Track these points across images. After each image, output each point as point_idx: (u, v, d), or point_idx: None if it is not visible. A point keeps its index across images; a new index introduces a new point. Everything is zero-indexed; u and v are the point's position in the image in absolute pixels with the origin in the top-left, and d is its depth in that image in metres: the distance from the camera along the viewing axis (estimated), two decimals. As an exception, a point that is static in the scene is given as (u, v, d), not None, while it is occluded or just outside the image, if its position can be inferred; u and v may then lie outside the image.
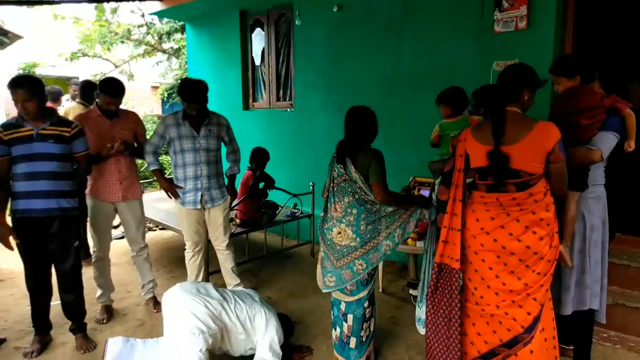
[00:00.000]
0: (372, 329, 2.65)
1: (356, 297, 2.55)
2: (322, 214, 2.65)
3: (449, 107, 3.16)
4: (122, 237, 4.14)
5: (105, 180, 3.22)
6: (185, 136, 3.23)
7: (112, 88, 3.15)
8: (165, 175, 3.44)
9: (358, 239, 2.48)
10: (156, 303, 3.52)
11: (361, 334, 2.57)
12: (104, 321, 3.31)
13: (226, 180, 3.54)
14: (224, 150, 3.49)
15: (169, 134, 3.26)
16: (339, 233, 2.52)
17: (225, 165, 3.52)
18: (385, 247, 2.51)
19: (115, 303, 3.53)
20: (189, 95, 3.14)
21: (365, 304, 2.56)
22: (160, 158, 3.45)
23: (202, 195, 3.31)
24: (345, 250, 2.51)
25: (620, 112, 2.30)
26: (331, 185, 2.58)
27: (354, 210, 2.47)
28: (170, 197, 3.40)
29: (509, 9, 3.54)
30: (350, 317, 2.57)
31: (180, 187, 3.30)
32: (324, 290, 2.63)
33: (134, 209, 3.36)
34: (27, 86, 2.63)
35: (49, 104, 5.60)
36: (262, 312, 2.65)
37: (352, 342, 2.58)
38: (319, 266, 2.67)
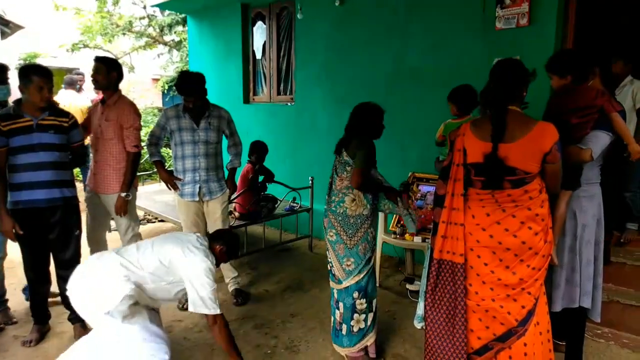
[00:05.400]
0: (367, 324, 2.65)
1: (343, 286, 2.61)
2: (327, 198, 2.72)
3: (455, 106, 3.16)
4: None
5: (91, 170, 3.26)
6: (185, 128, 3.24)
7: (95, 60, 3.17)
8: (166, 167, 3.44)
9: (368, 206, 2.58)
10: None
11: (351, 324, 2.61)
12: None
13: (227, 173, 3.55)
14: (225, 143, 3.50)
15: (169, 126, 3.27)
16: (353, 200, 2.57)
17: (227, 158, 3.53)
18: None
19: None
20: (185, 88, 3.15)
21: (355, 295, 2.59)
22: (162, 150, 3.45)
23: (200, 188, 3.32)
24: (359, 221, 2.56)
25: (607, 115, 2.29)
26: (332, 169, 2.70)
27: None
28: (169, 189, 3.41)
29: (511, 6, 3.54)
30: (341, 305, 2.64)
31: (179, 179, 3.31)
32: (344, 282, 2.60)
33: (109, 203, 3.22)
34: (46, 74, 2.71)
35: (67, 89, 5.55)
36: (181, 248, 2.39)
37: (344, 329, 2.64)
38: (332, 259, 2.65)
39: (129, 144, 3.14)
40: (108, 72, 3.10)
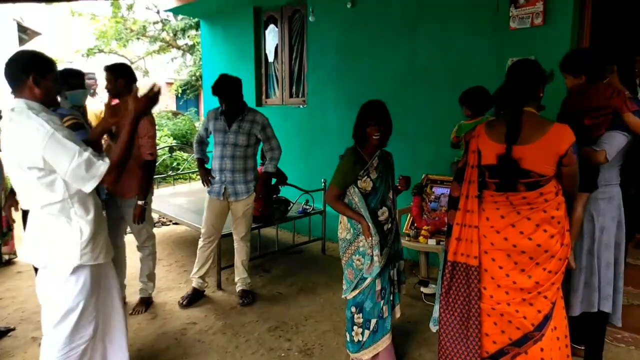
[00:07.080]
0: (363, 338, 2.54)
1: (345, 296, 2.60)
2: None
3: (469, 108, 3.13)
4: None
5: None
6: (218, 130, 3.39)
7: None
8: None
9: (352, 230, 2.49)
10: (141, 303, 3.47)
11: (352, 334, 2.57)
12: None
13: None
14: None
15: (209, 127, 3.47)
16: (340, 222, 2.56)
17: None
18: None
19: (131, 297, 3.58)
20: (216, 90, 3.29)
21: (352, 309, 2.54)
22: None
23: (225, 188, 3.41)
24: (344, 245, 2.54)
25: (621, 115, 2.23)
26: None
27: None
28: (204, 185, 3.57)
29: (525, 5, 3.50)
30: (347, 313, 2.61)
31: (212, 177, 3.48)
32: (344, 295, 2.60)
33: (126, 207, 3.23)
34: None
35: None
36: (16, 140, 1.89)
37: (347, 336, 2.62)
38: None
39: (144, 152, 3.15)
40: (115, 79, 3.10)
